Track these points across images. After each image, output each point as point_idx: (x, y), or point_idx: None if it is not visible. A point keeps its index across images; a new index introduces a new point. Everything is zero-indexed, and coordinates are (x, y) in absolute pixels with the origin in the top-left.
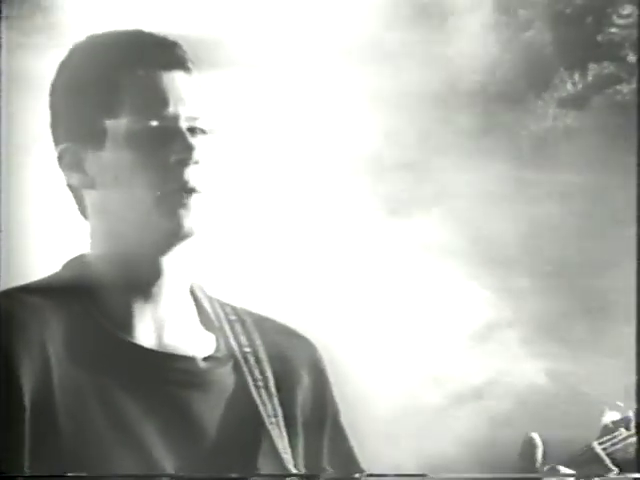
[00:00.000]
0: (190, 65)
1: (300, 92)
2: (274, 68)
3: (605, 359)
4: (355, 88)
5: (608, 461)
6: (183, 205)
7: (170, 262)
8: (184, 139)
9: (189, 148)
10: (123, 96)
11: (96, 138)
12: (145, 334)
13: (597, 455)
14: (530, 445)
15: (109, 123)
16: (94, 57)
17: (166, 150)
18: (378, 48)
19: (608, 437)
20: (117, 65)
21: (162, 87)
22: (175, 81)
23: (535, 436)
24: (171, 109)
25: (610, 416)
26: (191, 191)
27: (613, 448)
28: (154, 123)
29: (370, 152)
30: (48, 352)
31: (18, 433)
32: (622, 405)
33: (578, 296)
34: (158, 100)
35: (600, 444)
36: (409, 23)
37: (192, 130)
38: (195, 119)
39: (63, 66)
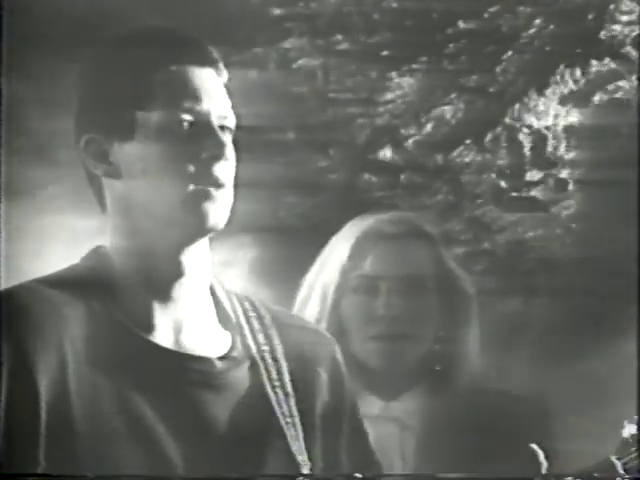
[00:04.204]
0: (220, 65)
1: None
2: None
3: None
4: None
5: (625, 475)
6: (210, 200)
7: (192, 260)
8: (216, 136)
9: (221, 145)
10: (156, 89)
11: (125, 129)
12: (163, 333)
13: (614, 469)
14: (532, 455)
15: (140, 115)
16: (127, 49)
17: (198, 146)
18: None
19: (627, 451)
20: (151, 59)
21: (195, 83)
22: (207, 79)
23: (534, 447)
24: (204, 105)
25: (629, 429)
26: (219, 187)
27: (632, 464)
28: (187, 118)
29: None
30: (65, 349)
31: (34, 430)
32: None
33: None
34: (191, 95)
35: (619, 458)
36: None
37: (222, 128)
38: (225, 117)
39: (95, 56)
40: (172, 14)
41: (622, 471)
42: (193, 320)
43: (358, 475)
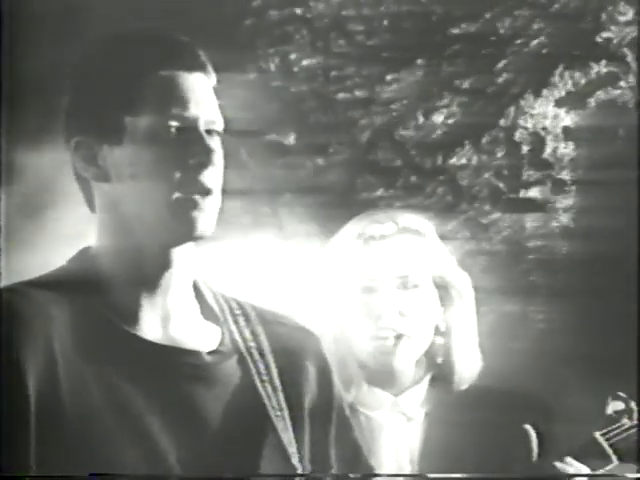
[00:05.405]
0: (209, 68)
1: None
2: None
3: None
4: None
5: (610, 451)
6: (198, 208)
7: (178, 257)
8: (204, 142)
9: (209, 151)
10: (145, 95)
11: (114, 134)
12: (151, 327)
13: (599, 445)
14: (525, 437)
15: (128, 120)
16: (117, 52)
17: (185, 152)
18: None
19: (611, 427)
20: (140, 63)
21: (184, 88)
22: (196, 83)
23: (529, 428)
24: (192, 111)
25: (613, 406)
26: (207, 194)
27: (616, 438)
28: (175, 124)
29: None
30: (54, 348)
31: (24, 430)
32: (624, 395)
33: None
34: (180, 101)
35: (603, 435)
36: None
37: (209, 132)
38: (213, 122)
39: (85, 58)
40: (172, 16)
41: (608, 447)
42: (181, 315)
43: (355, 475)
